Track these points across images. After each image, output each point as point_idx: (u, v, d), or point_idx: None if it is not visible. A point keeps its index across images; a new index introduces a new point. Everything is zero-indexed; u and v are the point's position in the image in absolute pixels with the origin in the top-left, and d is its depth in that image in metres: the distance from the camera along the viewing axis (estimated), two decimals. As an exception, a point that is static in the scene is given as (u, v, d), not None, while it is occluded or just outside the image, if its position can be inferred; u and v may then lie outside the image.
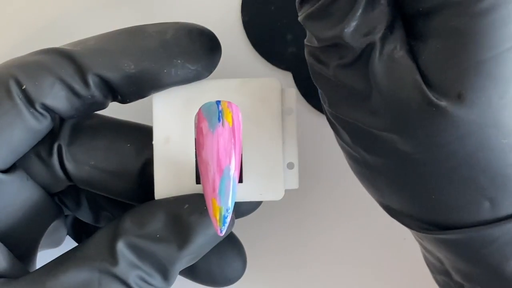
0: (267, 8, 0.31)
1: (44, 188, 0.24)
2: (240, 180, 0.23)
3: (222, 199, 0.20)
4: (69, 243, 0.31)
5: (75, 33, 0.25)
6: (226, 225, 0.21)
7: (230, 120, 0.21)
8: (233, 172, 0.21)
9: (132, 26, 0.23)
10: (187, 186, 0.23)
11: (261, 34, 0.31)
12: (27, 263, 0.24)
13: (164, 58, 0.22)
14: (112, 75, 0.22)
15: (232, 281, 0.26)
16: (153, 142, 0.23)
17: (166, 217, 0.22)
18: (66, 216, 0.27)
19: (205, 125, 0.21)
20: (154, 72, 0.22)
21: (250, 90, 0.23)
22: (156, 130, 0.23)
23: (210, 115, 0.21)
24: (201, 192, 0.22)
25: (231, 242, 0.25)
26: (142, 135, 0.24)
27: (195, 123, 0.21)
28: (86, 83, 0.22)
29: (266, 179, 0.23)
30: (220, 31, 0.31)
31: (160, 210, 0.22)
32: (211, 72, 0.23)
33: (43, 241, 0.25)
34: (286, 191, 0.24)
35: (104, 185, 0.24)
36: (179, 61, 0.22)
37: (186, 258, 0.22)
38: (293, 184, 0.24)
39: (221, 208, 0.20)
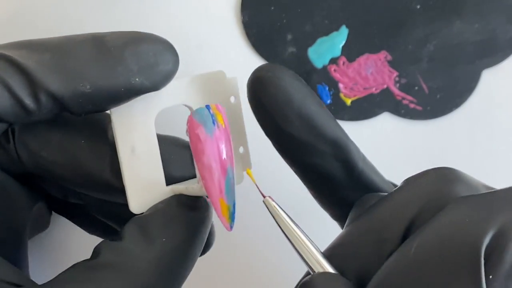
0: (267, 8, 0.31)
1: (8, 172, 0.24)
2: None
3: (229, 197, 0.21)
4: (69, 234, 0.32)
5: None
6: (235, 220, 0.21)
7: (222, 121, 0.21)
8: (233, 169, 0.21)
9: (91, 37, 0.22)
10: (158, 189, 0.23)
11: (261, 34, 0.31)
12: (17, 253, 0.25)
13: (121, 76, 0.21)
14: (66, 94, 0.21)
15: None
16: (120, 156, 0.23)
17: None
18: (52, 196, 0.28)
19: (201, 130, 0.21)
20: (111, 91, 0.21)
21: (200, 86, 0.24)
22: (120, 143, 0.23)
23: (205, 120, 0.21)
24: (171, 193, 0.23)
25: None
26: (98, 131, 0.24)
27: (187, 132, 0.21)
28: (36, 99, 0.21)
29: None
30: (220, 31, 0.31)
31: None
32: (168, 82, 0.23)
33: (29, 226, 0.25)
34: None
35: (55, 175, 0.24)
36: (137, 79, 0.21)
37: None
38: (247, 165, 0.25)
39: (229, 206, 0.21)
